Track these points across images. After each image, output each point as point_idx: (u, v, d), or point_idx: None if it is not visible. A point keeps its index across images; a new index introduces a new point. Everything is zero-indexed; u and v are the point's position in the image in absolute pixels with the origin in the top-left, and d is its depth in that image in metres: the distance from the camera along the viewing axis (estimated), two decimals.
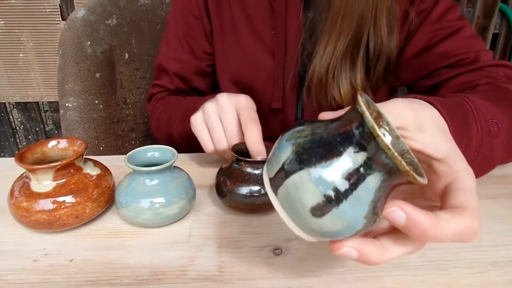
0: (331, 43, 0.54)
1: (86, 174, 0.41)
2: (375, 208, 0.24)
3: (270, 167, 0.26)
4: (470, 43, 0.57)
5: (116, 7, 0.78)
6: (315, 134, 0.25)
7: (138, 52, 0.83)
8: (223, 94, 0.48)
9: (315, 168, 0.23)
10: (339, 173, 0.23)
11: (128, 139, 0.85)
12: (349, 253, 0.25)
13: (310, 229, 0.25)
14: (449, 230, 0.23)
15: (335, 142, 0.23)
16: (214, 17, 0.63)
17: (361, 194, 0.23)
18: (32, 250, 0.38)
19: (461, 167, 0.27)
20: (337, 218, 0.23)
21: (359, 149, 0.23)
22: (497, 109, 0.41)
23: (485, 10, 1.72)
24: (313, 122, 0.26)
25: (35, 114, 1.65)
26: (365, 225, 0.24)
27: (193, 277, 0.35)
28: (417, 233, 0.23)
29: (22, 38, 1.49)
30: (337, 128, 0.24)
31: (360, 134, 0.23)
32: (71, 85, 0.73)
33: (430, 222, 0.23)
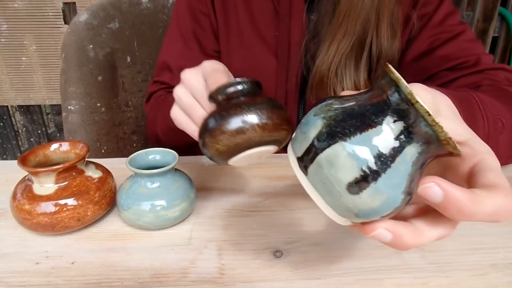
0: (334, 42, 0.54)
1: (88, 177, 0.42)
2: (411, 183, 0.22)
3: (297, 145, 0.25)
4: (471, 46, 0.58)
5: (118, 11, 0.79)
6: (346, 107, 0.23)
7: (140, 56, 0.83)
8: (185, 71, 0.41)
9: (350, 141, 0.22)
10: (376, 144, 0.21)
11: (130, 142, 0.85)
12: (384, 235, 0.24)
13: (345, 208, 0.23)
14: (486, 207, 0.22)
15: (369, 112, 0.22)
16: (221, 17, 0.64)
17: (399, 167, 0.22)
18: (34, 253, 0.38)
19: (484, 148, 0.27)
20: (376, 194, 0.22)
21: (395, 118, 0.22)
22: (501, 106, 0.42)
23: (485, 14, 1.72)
24: (340, 97, 0.25)
25: (37, 116, 1.66)
26: (402, 201, 0.23)
27: (194, 280, 0.35)
28: (454, 210, 0.22)
29: (25, 41, 1.50)
30: (369, 99, 0.23)
31: (396, 101, 0.22)
32: (73, 88, 0.73)
33: (468, 198, 0.22)
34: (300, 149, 0.24)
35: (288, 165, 0.56)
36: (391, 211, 0.23)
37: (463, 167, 0.27)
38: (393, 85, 0.22)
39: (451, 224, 0.25)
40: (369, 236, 0.24)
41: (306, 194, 0.44)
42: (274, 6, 0.60)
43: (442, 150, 0.22)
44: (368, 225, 0.24)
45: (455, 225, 0.25)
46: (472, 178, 0.26)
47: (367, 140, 0.21)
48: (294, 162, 0.25)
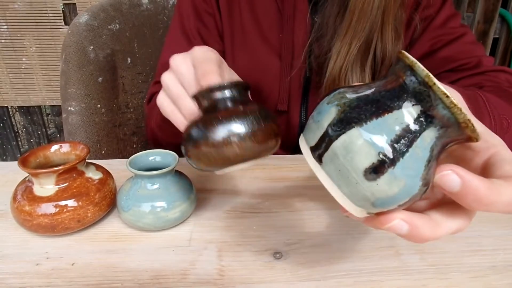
0: (345, 46, 0.55)
1: (88, 178, 0.42)
2: (430, 169, 0.22)
3: (310, 135, 0.24)
4: (472, 48, 0.58)
5: (119, 12, 0.79)
6: (360, 94, 0.23)
7: (140, 57, 0.83)
8: (174, 56, 0.39)
9: (367, 126, 0.21)
10: (393, 129, 0.21)
11: (130, 143, 0.85)
12: (400, 226, 0.23)
13: (362, 197, 0.22)
14: (505, 196, 0.22)
15: (384, 98, 0.22)
16: (225, 17, 0.64)
17: (417, 152, 0.21)
18: (34, 254, 0.38)
19: (497, 140, 0.26)
20: (394, 180, 0.21)
21: (413, 102, 0.21)
22: (506, 105, 0.42)
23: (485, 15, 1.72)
24: (352, 86, 0.25)
25: (37, 117, 1.66)
26: (420, 189, 0.22)
27: (194, 281, 0.35)
28: (472, 199, 0.22)
29: (25, 42, 1.50)
30: (384, 85, 0.23)
31: (413, 85, 0.21)
32: (73, 89, 0.73)
33: (486, 187, 0.21)
34: (313, 139, 0.24)
35: (288, 166, 0.56)
36: (408, 198, 0.22)
37: (477, 160, 0.26)
38: (409, 69, 0.21)
39: (468, 216, 0.24)
40: (384, 228, 0.23)
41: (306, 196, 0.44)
42: (278, 7, 0.60)
43: (461, 134, 0.22)
44: (384, 216, 0.23)
45: (471, 217, 0.25)
46: (488, 170, 0.25)
47: (384, 125, 0.21)
48: (308, 153, 0.24)
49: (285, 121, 0.66)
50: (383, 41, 0.56)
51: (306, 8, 0.59)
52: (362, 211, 0.24)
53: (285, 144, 0.60)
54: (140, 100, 0.85)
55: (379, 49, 0.56)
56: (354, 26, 0.53)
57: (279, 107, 0.64)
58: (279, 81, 0.63)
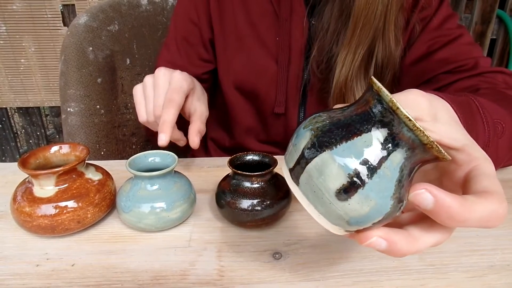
0: (350, 54, 0.55)
1: (88, 179, 0.42)
2: (401, 189, 0.23)
3: (289, 158, 0.26)
4: (469, 50, 0.58)
5: (118, 13, 0.79)
6: (332, 118, 0.24)
7: (140, 58, 0.83)
8: (160, 69, 0.50)
9: (337, 149, 0.22)
10: (361, 151, 0.22)
11: (129, 144, 0.85)
12: (378, 243, 0.24)
13: (337, 216, 0.24)
14: (477, 213, 0.23)
15: (354, 122, 0.23)
16: (217, 24, 0.64)
17: (386, 172, 0.22)
18: (34, 255, 0.38)
19: (480, 154, 0.27)
20: (364, 199, 0.22)
21: (379, 126, 0.22)
22: (501, 110, 0.42)
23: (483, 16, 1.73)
24: (329, 110, 0.26)
25: (36, 118, 1.66)
26: (392, 207, 0.23)
27: (194, 281, 0.35)
28: (445, 216, 0.23)
29: (23, 43, 1.50)
30: (355, 110, 0.24)
31: (379, 110, 0.22)
32: (73, 90, 0.73)
33: (458, 204, 0.22)
34: (291, 161, 0.25)
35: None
36: (382, 217, 0.23)
37: (459, 173, 0.27)
38: (376, 94, 0.23)
39: (446, 230, 0.25)
40: (364, 245, 0.25)
41: None
42: (274, 9, 0.60)
43: (428, 155, 0.23)
44: (363, 233, 0.24)
45: (450, 231, 0.26)
46: (467, 184, 0.26)
47: (353, 147, 0.22)
48: (287, 174, 0.26)
49: (283, 124, 0.66)
50: (385, 46, 0.56)
51: (303, 10, 0.59)
52: (340, 229, 0.25)
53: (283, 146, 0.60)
54: None
55: (381, 54, 0.56)
56: (359, 34, 0.53)
57: (276, 110, 0.64)
58: (276, 84, 0.63)
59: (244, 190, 0.40)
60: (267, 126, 0.69)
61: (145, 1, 0.84)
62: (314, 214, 0.25)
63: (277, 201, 0.40)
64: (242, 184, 0.40)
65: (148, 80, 0.51)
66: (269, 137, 0.70)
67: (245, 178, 0.40)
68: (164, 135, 0.44)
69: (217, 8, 0.63)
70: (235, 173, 0.41)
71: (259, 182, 0.40)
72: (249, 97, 0.67)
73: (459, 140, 0.27)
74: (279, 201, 0.40)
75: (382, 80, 0.59)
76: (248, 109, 0.68)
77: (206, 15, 0.64)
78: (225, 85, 0.68)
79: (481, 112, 0.38)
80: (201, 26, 0.65)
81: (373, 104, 0.23)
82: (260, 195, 0.40)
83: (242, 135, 0.71)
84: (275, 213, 0.40)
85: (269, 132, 0.70)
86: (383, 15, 0.53)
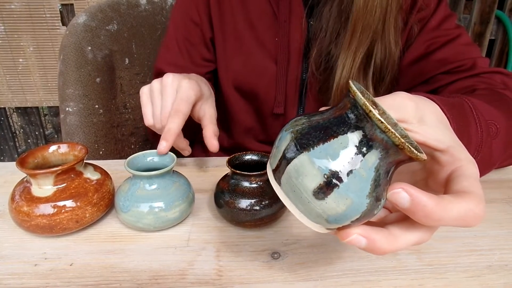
0: (350, 56, 0.55)
1: (86, 178, 0.42)
2: (377, 188, 0.24)
3: (272, 160, 0.27)
4: (467, 50, 0.58)
5: (116, 12, 0.79)
6: (311, 121, 0.25)
7: (138, 57, 0.83)
8: (169, 75, 0.50)
9: (314, 150, 0.23)
10: (337, 153, 0.23)
11: (128, 143, 0.85)
12: (358, 240, 0.25)
13: (316, 214, 0.25)
14: (452, 212, 0.23)
15: (332, 125, 0.24)
16: (217, 25, 0.64)
17: (361, 172, 0.23)
18: (33, 255, 0.38)
19: (464, 156, 0.27)
20: (340, 198, 0.23)
21: (354, 128, 0.23)
22: (495, 111, 0.42)
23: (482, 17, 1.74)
24: (310, 113, 0.27)
25: (34, 118, 1.66)
26: (369, 205, 0.24)
27: (192, 281, 0.35)
28: (421, 215, 0.23)
29: (22, 43, 1.50)
30: (333, 113, 0.25)
31: (354, 113, 0.23)
32: (71, 90, 0.73)
33: (434, 203, 0.23)
34: (274, 162, 0.26)
35: None
36: (359, 215, 0.24)
37: (442, 174, 0.28)
38: (352, 98, 0.23)
39: (427, 229, 0.26)
40: (345, 242, 0.25)
41: None
42: (273, 10, 0.60)
43: (401, 155, 0.23)
44: (344, 231, 0.25)
45: (431, 231, 0.26)
46: (448, 184, 0.27)
47: (330, 149, 0.23)
48: (271, 175, 0.27)
49: (282, 124, 0.66)
50: (384, 48, 0.56)
51: (302, 11, 0.59)
52: (321, 227, 0.26)
53: None
54: (138, 100, 0.85)
55: (379, 55, 0.56)
56: (358, 37, 0.53)
57: (276, 110, 0.64)
58: (275, 84, 0.63)
59: (242, 189, 0.40)
60: (266, 126, 0.69)
61: (144, 1, 0.83)
62: (296, 213, 0.26)
63: (275, 201, 0.40)
64: (240, 184, 0.40)
65: (156, 85, 0.50)
66: (268, 137, 0.70)
67: (244, 178, 0.40)
68: (165, 142, 0.44)
69: (217, 8, 0.63)
70: (234, 173, 0.41)
71: (258, 182, 0.40)
72: (248, 98, 0.67)
73: (444, 141, 0.28)
74: (277, 201, 0.40)
75: (382, 81, 0.59)
76: (247, 109, 0.68)
77: (207, 15, 0.64)
78: (224, 85, 0.68)
79: (474, 113, 0.39)
80: (202, 26, 0.65)
81: (349, 108, 0.24)
82: (259, 195, 0.40)
83: (241, 135, 0.72)
84: (274, 213, 0.40)
85: (268, 132, 0.70)
86: (382, 18, 0.53)
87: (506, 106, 0.45)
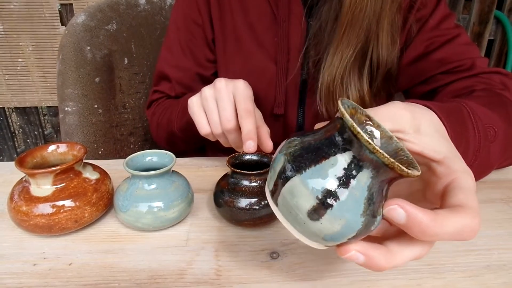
0: (338, 52, 0.55)
1: (85, 178, 0.42)
2: (371, 206, 0.24)
3: (269, 181, 0.28)
4: (466, 50, 0.58)
5: (116, 12, 0.79)
6: (304, 143, 0.26)
7: (138, 57, 0.83)
8: (221, 79, 0.48)
9: (306, 173, 0.24)
10: (329, 174, 0.23)
11: (127, 143, 0.85)
12: (356, 257, 0.25)
13: (312, 233, 0.25)
14: (448, 227, 0.24)
15: (322, 146, 0.24)
16: (217, 25, 0.64)
17: (354, 193, 0.23)
18: (31, 254, 0.38)
19: (460, 167, 0.27)
20: (334, 219, 0.24)
21: (344, 149, 0.24)
22: (493, 114, 0.42)
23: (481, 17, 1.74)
24: (303, 133, 0.28)
25: (34, 118, 1.66)
26: (364, 223, 0.24)
27: (191, 281, 0.35)
28: (417, 231, 0.24)
29: (21, 42, 1.50)
30: (324, 134, 0.25)
31: (343, 135, 0.24)
32: (70, 89, 0.73)
33: (429, 219, 0.23)
34: (271, 184, 0.27)
35: None
36: (355, 233, 0.24)
37: (438, 186, 0.28)
38: (341, 119, 0.24)
39: (425, 244, 0.26)
40: (344, 258, 0.26)
41: None
42: (272, 11, 0.60)
43: (392, 174, 0.23)
44: (343, 247, 0.25)
45: (430, 245, 0.26)
46: (444, 196, 0.27)
47: (321, 170, 0.24)
48: (269, 196, 0.28)
49: (282, 125, 0.66)
50: (379, 47, 0.56)
51: (301, 11, 0.59)
52: (319, 244, 0.27)
53: None
54: (137, 100, 0.85)
55: (375, 55, 0.56)
56: (347, 35, 0.53)
57: (276, 111, 0.64)
58: (275, 85, 0.63)
59: (242, 188, 0.40)
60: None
61: (143, 1, 0.83)
62: (294, 232, 0.26)
63: None
64: (240, 183, 0.40)
65: (208, 92, 0.48)
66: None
67: (244, 177, 0.40)
68: (251, 141, 0.43)
69: (217, 8, 0.63)
70: (233, 172, 0.41)
71: (258, 181, 0.40)
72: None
73: (441, 152, 0.28)
74: None
75: (375, 81, 0.59)
76: None
77: (207, 16, 0.64)
78: None
79: (472, 118, 0.39)
80: (204, 27, 0.65)
81: (339, 129, 0.24)
82: (258, 194, 0.40)
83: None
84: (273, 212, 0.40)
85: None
86: (375, 16, 0.53)
87: (504, 108, 0.46)
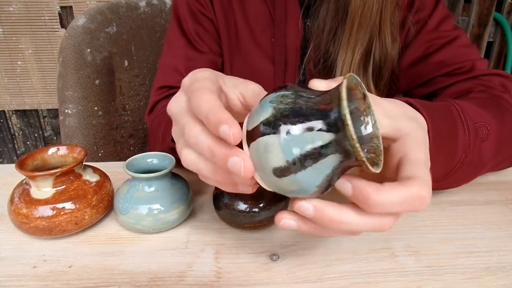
0: (349, 54, 0.55)
1: (86, 180, 0.42)
2: (328, 181, 0.26)
3: (250, 120, 0.28)
4: (466, 52, 0.58)
5: (116, 15, 0.79)
6: (296, 104, 0.26)
7: (138, 60, 0.83)
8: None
9: (285, 136, 0.25)
10: (305, 146, 0.24)
11: (127, 145, 0.85)
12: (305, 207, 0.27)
13: (269, 182, 0.28)
14: (393, 197, 0.25)
15: (311, 116, 0.25)
16: (221, 23, 0.64)
17: (320, 168, 0.25)
18: (32, 257, 0.38)
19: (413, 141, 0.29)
20: (293, 182, 0.26)
21: (329, 130, 0.24)
22: (486, 113, 0.42)
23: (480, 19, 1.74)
24: (298, 90, 0.27)
25: (34, 120, 1.66)
26: (317, 192, 0.27)
27: (191, 283, 0.35)
28: (362, 200, 0.26)
29: (21, 45, 1.50)
30: (317, 104, 0.25)
31: (334, 116, 0.24)
32: (70, 92, 0.73)
33: (372, 189, 0.25)
34: (250, 125, 0.27)
35: None
36: (306, 196, 0.27)
37: (392, 162, 0.30)
38: (337, 101, 0.24)
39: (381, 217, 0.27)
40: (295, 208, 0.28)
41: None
42: (269, 11, 0.61)
43: (359, 165, 0.25)
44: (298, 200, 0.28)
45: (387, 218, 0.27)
46: (397, 171, 0.28)
47: (300, 140, 0.24)
48: (244, 132, 0.28)
49: None
50: (382, 44, 0.56)
51: (298, 12, 0.59)
52: (270, 189, 0.29)
53: None
54: (137, 102, 0.85)
55: (378, 52, 0.57)
56: (356, 34, 0.54)
57: None
58: (273, 85, 0.63)
59: None
60: None
61: (143, 3, 0.84)
62: (255, 174, 0.28)
63: (274, 203, 0.40)
64: None
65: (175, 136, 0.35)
66: None
67: None
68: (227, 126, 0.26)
69: (220, 7, 0.63)
70: None
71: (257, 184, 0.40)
72: None
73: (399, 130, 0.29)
74: (276, 203, 0.40)
75: (382, 76, 0.59)
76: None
77: (213, 12, 0.64)
78: None
79: (461, 115, 0.39)
80: (212, 20, 0.64)
81: (333, 109, 0.24)
82: (258, 197, 0.40)
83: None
84: (273, 215, 0.40)
85: None
86: (379, 12, 0.53)
87: (499, 109, 0.46)
